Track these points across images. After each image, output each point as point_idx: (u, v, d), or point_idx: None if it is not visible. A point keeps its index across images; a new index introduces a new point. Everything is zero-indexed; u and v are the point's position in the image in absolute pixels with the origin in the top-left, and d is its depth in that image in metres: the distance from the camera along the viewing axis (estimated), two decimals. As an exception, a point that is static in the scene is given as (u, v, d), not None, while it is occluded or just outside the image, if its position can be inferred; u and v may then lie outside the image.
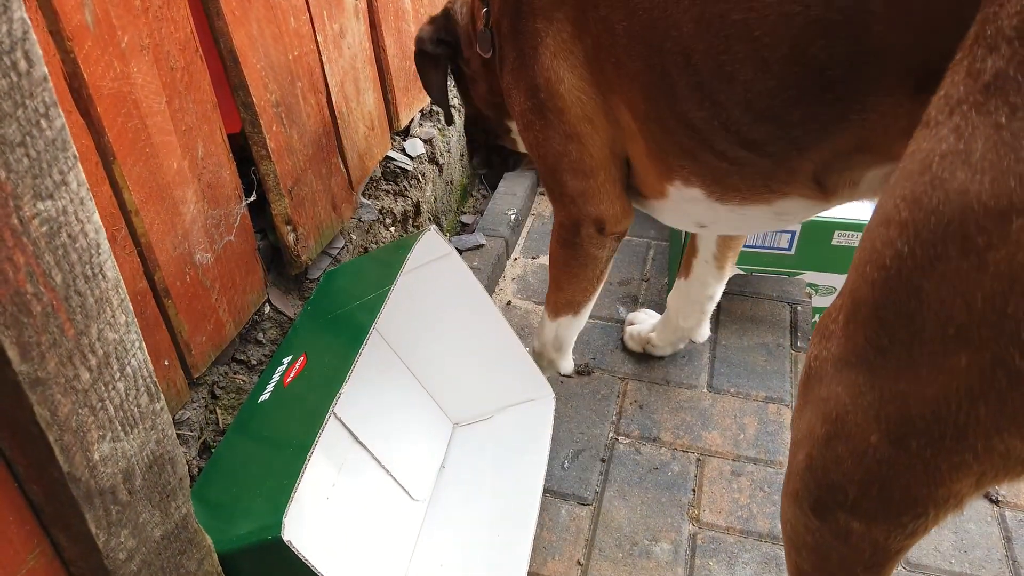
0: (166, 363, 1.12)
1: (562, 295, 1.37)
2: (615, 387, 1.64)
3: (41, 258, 0.58)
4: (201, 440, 1.20)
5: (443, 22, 1.36)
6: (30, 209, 0.57)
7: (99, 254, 0.64)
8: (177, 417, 1.16)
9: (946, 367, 0.60)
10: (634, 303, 1.84)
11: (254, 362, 1.32)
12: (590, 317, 1.80)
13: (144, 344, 0.71)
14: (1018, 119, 0.53)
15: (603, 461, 1.49)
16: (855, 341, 0.67)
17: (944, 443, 0.62)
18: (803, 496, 0.76)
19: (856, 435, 0.68)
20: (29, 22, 0.55)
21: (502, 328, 1.44)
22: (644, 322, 1.72)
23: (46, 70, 0.57)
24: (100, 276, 0.64)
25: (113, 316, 0.66)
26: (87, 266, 0.62)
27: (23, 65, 0.55)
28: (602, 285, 1.37)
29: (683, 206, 1.12)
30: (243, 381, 1.29)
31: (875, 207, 0.68)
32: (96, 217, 0.63)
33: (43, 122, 0.57)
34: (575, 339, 1.50)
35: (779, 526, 1.34)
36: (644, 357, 1.69)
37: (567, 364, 1.53)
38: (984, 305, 0.56)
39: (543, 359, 1.51)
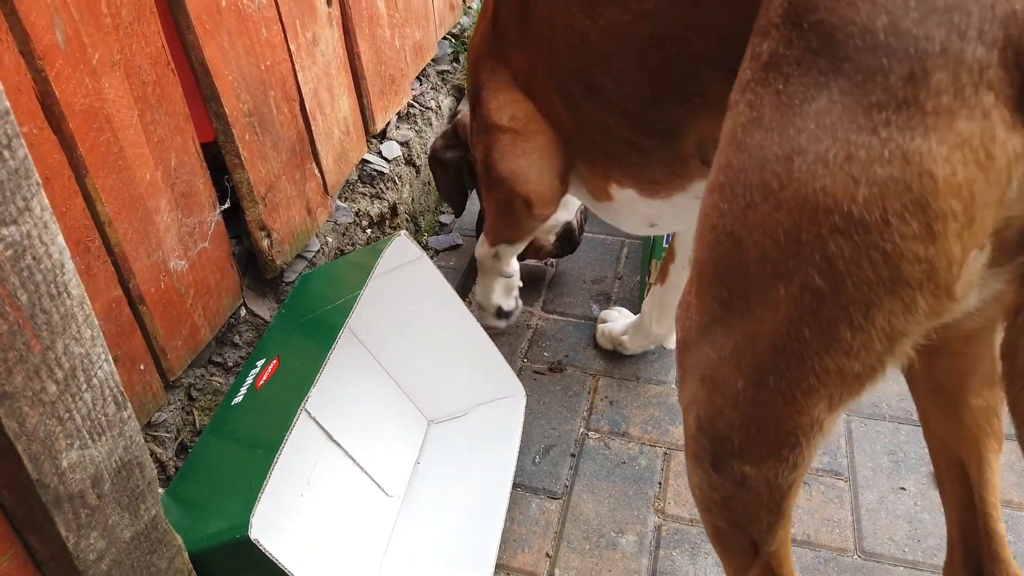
0: (142, 367, 1.15)
1: (498, 233, 1.51)
2: (586, 383, 1.68)
3: (7, 280, 0.62)
4: (178, 441, 1.23)
5: (451, 131, 1.67)
6: (-5, 234, 0.60)
7: (63, 273, 0.67)
8: (154, 419, 1.20)
9: (772, 302, 0.68)
10: (607, 301, 1.89)
11: (231, 364, 1.36)
12: (563, 315, 1.85)
13: (111, 356, 0.75)
14: (791, 84, 0.65)
15: (573, 456, 1.53)
16: (707, 304, 0.75)
17: (790, 372, 0.69)
18: (701, 456, 0.83)
19: (727, 385, 0.75)
20: (-10, 60, 0.59)
21: (474, 329, 1.48)
22: (616, 320, 1.76)
23: (8, 104, 0.60)
24: (65, 294, 0.68)
25: (79, 331, 0.70)
26: (52, 285, 0.66)
27: (-15, 100, 0.59)
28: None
29: (627, 206, 1.24)
30: (220, 383, 1.33)
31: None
32: (60, 239, 0.67)
33: (6, 153, 0.60)
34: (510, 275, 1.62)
35: (741, 518, 1.39)
36: (615, 354, 1.74)
37: (509, 268, 1.62)
38: (785, 239, 0.64)
39: (483, 267, 1.60)
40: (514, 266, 1.63)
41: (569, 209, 1.73)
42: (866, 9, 0.60)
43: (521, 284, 1.71)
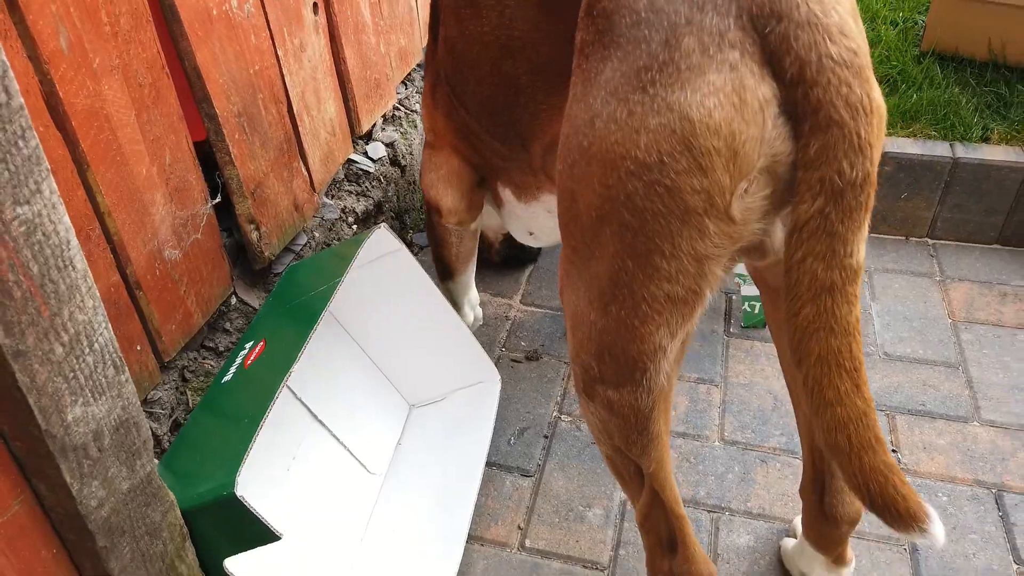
0: (138, 348, 1.25)
1: (439, 264, 1.67)
2: (561, 371, 1.77)
3: (20, 252, 0.71)
4: (172, 418, 1.33)
5: None
6: (10, 213, 0.70)
7: (69, 249, 0.77)
8: (149, 397, 1.29)
9: (601, 241, 0.79)
10: (582, 293, 1.98)
11: (221, 349, 1.45)
12: (540, 307, 1.94)
13: (110, 325, 0.84)
14: (591, 61, 0.78)
15: (546, 437, 1.62)
16: (567, 255, 0.88)
17: (626, 301, 0.80)
18: (578, 386, 0.94)
19: (584, 320, 0.86)
20: (8, 63, 0.68)
21: (451, 317, 1.58)
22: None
23: (22, 100, 0.70)
24: (70, 267, 0.77)
25: (82, 301, 0.79)
26: (59, 259, 0.76)
27: (3, 97, 0.68)
28: (465, 264, 1.65)
29: (510, 210, 1.40)
30: (211, 366, 1.42)
31: None
32: (66, 219, 0.76)
33: (20, 142, 0.70)
34: (467, 298, 1.75)
35: (701, 492, 1.49)
36: (588, 343, 1.83)
37: (465, 319, 1.75)
38: (599, 186, 0.76)
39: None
40: (469, 319, 1.77)
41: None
42: None
43: (481, 319, 1.86)
